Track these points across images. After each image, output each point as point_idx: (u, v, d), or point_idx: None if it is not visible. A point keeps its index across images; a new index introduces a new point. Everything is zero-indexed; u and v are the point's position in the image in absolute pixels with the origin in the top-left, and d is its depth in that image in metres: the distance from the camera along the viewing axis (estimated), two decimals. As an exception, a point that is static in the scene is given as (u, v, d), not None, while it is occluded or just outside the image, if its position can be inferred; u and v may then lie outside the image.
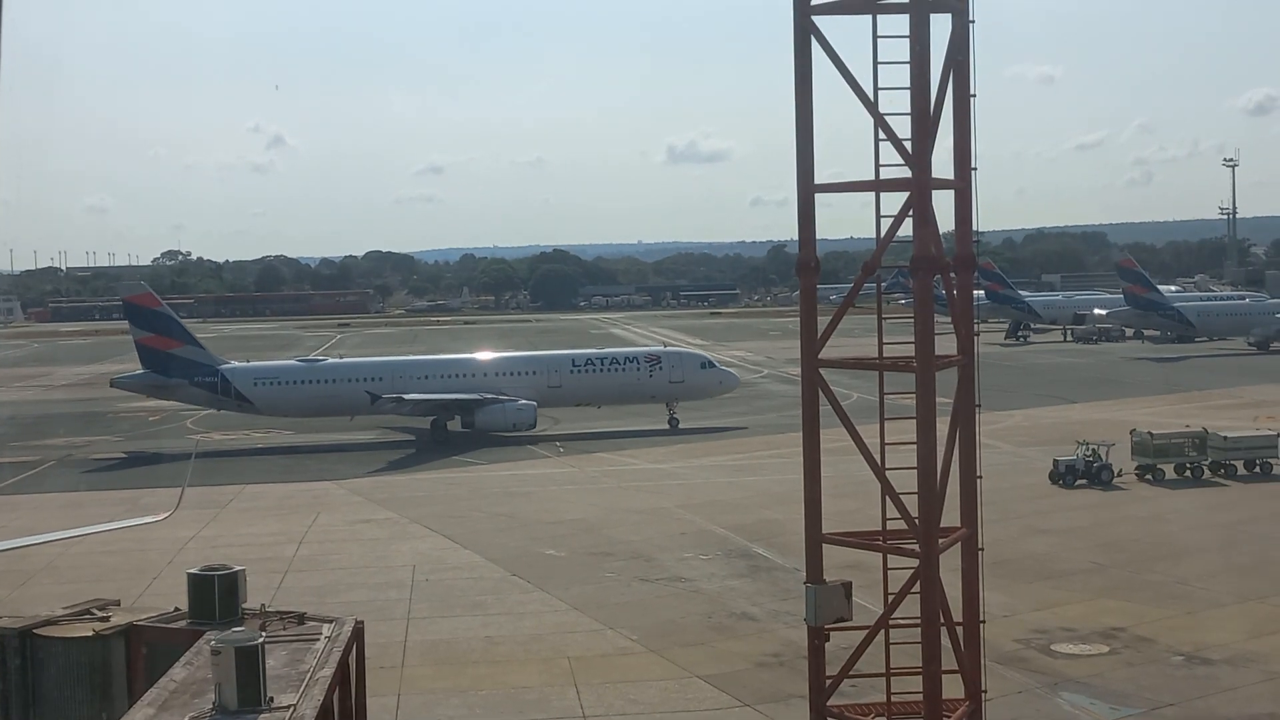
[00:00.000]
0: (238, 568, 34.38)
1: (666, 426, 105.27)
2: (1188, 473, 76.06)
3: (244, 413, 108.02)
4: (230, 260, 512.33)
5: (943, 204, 32.17)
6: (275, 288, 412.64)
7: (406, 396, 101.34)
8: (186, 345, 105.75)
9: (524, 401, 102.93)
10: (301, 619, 31.33)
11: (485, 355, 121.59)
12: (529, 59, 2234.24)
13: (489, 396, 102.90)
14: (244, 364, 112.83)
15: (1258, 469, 76.50)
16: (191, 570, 34.86)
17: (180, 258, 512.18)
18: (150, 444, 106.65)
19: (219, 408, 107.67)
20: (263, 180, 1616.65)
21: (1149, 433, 77.22)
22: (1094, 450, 75.11)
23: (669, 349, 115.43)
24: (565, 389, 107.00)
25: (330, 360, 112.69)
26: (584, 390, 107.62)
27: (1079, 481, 73.77)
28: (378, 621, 49.21)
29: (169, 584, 55.40)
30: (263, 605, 35.60)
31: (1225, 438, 76.73)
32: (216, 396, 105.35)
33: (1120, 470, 75.09)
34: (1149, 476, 75.35)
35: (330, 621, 31.33)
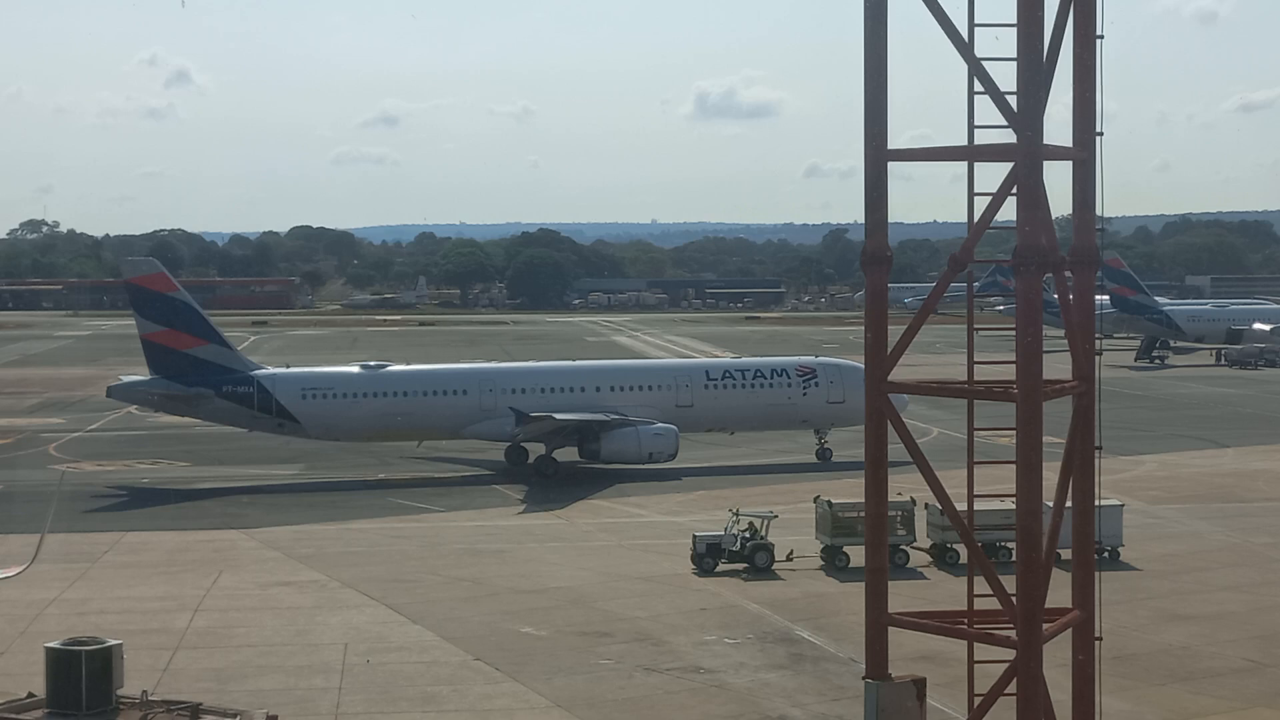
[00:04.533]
0: (112, 642, 34.49)
1: (814, 459, 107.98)
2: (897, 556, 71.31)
3: (285, 434, 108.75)
4: (112, 235, 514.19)
5: (1057, 180, 32.29)
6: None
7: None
8: (210, 344, 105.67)
9: (661, 425, 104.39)
10: (195, 711, 31.45)
11: (596, 364, 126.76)
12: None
13: (616, 417, 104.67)
14: (286, 370, 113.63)
15: (999, 552, 69.84)
16: (51, 644, 35.00)
17: (46, 229, 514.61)
18: None
19: (252, 427, 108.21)
20: (158, 130, 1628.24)
21: (828, 501, 74.13)
22: (750, 523, 73.77)
23: (824, 359, 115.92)
24: (698, 409, 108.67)
25: (396, 368, 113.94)
26: (721, 411, 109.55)
27: (734, 565, 71.34)
28: (296, 717, 49.17)
29: (20, 661, 55.34)
30: (144, 693, 35.66)
31: (944, 512, 72.80)
32: (251, 412, 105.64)
33: (791, 553, 72.64)
34: (839, 561, 72.03)
35: (234, 716, 31.43)
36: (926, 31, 31.16)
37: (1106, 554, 71.16)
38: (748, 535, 72.47)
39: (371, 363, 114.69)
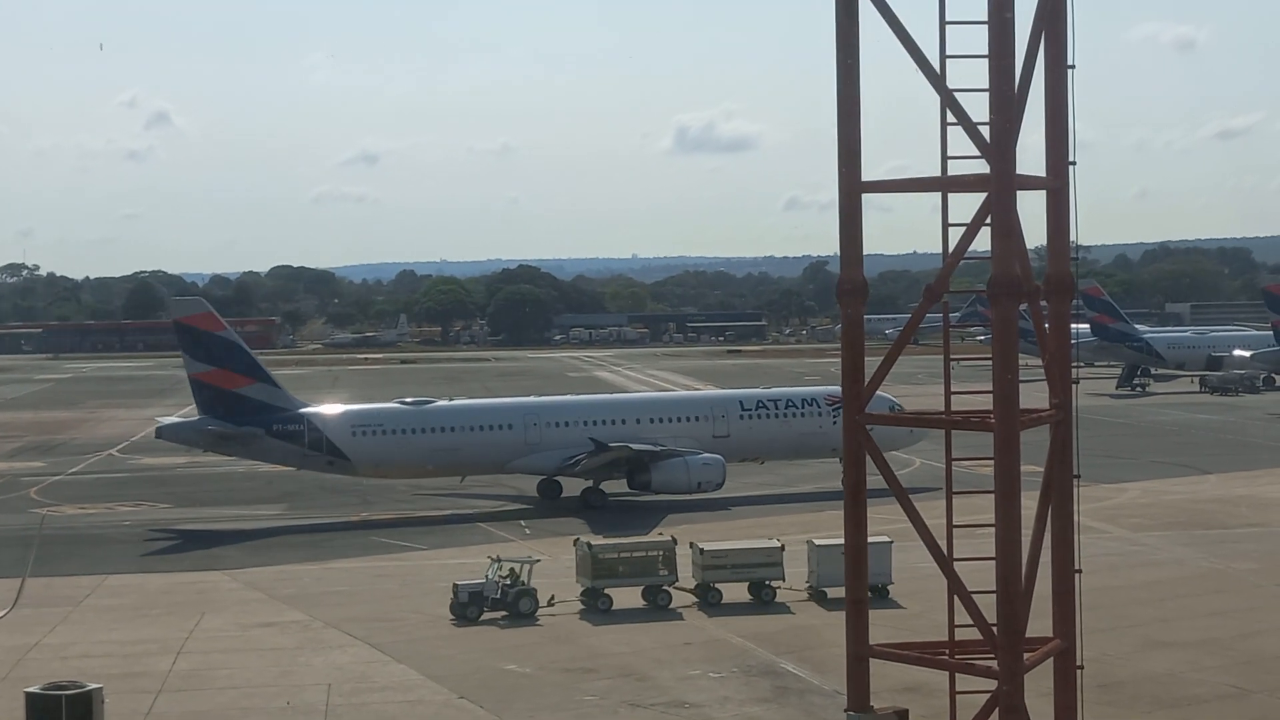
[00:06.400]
0: (93, 686, 34.44)
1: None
2: (664, 594, 72.45)
3: (334, 472, 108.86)
4: (92, 277, 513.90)
5: (1032, 209, 32.39)
6: (151, 314, 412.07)
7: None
8: (258, 382, 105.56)
9: (709, 455, 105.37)
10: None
11: (637, 396, 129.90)
12: (493, 10, 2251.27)
13: (662, 448, 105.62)
14: (334, 407, 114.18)
15: (764, 592, 72.20)
16: (31, 689, 34.92)
17: (26, 273, 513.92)
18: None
19: (302, 465, 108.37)
20: (138, 171, 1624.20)
21: (587, 543, 74.30)
22: (511, 569, 73.53)
23: None
24: (734, 439, 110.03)
25: (440, 403, 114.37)
26: (756, 441, 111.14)
27: (496, 614, 70.52)
28: (279, 759, 48.99)
29: (1, 707, 54.88)
30: (125, 736, 35.61)
31: (704, 550, 73.40)
32: (302, 450, 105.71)
33: (552, 598, 72.51)
34: (601, 603, 71.82)
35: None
36: (901, 63, 31.31)
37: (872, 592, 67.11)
38: (509, 582, 72.18)
39: (409, 399, 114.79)
